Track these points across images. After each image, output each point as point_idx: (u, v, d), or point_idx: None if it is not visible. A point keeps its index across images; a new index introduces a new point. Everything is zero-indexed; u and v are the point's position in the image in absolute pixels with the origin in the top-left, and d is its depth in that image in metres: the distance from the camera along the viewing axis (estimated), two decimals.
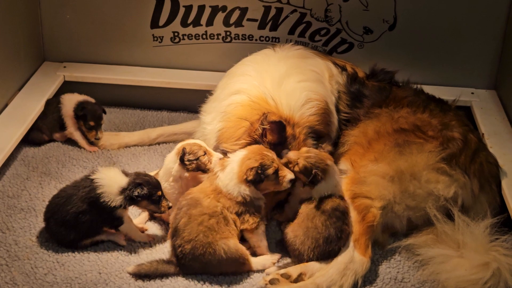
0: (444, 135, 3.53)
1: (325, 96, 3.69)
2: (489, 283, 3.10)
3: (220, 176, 3.24)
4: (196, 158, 3.31)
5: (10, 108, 4.07)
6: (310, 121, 3.51)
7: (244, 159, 3.21)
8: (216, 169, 3.27)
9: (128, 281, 3.14)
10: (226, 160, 3.28)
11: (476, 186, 3.46)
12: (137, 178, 3.26)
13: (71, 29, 4.51)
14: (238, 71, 3.82)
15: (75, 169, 3.90)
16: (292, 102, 3.50)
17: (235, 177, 3.20)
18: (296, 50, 3.92)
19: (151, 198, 3.25)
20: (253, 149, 3.27)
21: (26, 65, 4.39)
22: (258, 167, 3.17)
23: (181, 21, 4.44)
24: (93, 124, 4.04)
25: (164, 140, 4.22)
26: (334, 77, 3.86)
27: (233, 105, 3.54)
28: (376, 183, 3.36)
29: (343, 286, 3.15)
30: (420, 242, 3.35)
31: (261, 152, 3.23)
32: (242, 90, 3.59)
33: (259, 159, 3.19)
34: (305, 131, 3.45)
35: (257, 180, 3.17)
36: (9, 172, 3.82)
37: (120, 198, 3.22)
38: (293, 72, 3.67)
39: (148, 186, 3.24)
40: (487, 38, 4.36)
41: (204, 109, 3.83)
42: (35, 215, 3.50)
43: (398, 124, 3.58)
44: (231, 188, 3.20)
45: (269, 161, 3.19)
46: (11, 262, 3.20)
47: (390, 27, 4.37)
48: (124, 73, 4.52)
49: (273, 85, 3.57)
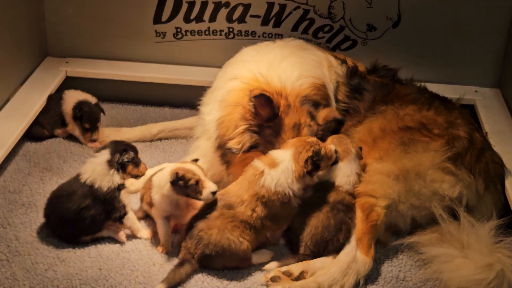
0: (450, 133, 3.51)
1: (322, 79, 3.65)
2: (492, 284, 3.08)
3: (272, 174, 3.20)
4: (187, 186, 3.16)
5: (12, 102, 4.07)
6: (304, 90, 3.47)
7: (296, 154, 3.20)
8: (262, 168, 3.22)
9: (128, 278, 3.13)
10: (274, 159, 3.24)
11: (481, 186, 3.44)
12: (118, 145, 3.34)
13: (73, 25, 4.50)
14: (234, 60, 3.83)
15: (76, 164, 3.89)
16: (283, 77, 3.47)
17: (291, 175, 3.20)
18: (296, 41, 3.93)
19: (135, 160, 3.33)
20: (296, 142, 3.26)
21: (28, 60, 4.39)
22: (313, 156, 3.18)
23: (184, 17, 4.43)
24: (88, 126, 4.04)
25: (166, 136, 4.21)
26: (333, 68, 3.84)
27: (229, 92, 3.53)
28: (380, 181, 3.35)
29: (344, 285, 3.13)
30: (424, 240, 3.33)
31: (305, 141, 3.23)
32: (237, 76, 3.58)
33: (309, 148, 3.20)
34: (299, 99, 3.41)
35: (315, 168, 3.20)
36: (10, 167, 3.81)
37: (113, 172, 3.25)
38: (290, 57, 3.66)
39: (131, 149, 3.34)
40: (491, 37, 4.35)
41: (203, 101, 3.83)
42: (36, 211, 3.49)
43: (403, 122, 3.56)
44: (284, 186, 3.20)
45: (317, 145, 3.22)
46: (12, 258, 3.19)
47: (394, 25, 4.36)
48: (127, 69, 4.51)
49: (267, 67, 3.55)
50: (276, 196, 3.19)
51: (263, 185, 3.20)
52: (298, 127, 3.36)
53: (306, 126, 3.37)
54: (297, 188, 3.22)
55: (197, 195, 3.17)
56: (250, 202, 3.18)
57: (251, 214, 3.17)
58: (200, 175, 3.17)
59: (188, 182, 3.14)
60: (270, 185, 3.19)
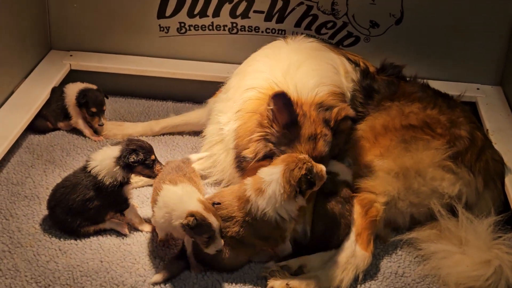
0: (452, 133, 3.52)
1: (340, 87, 3.53)
2: (490, 280, 3.10)
3: (258, 202, 3.01)
4: (199, 235, 2.94)
5: (16, 95, 4.08)
6: (321, 98, 3.28)
7: (287, 172, 2.97)
8: (249, 194, 3.04)
9: (129, 270, 3.16)
10: (260, 182, 3.02)
11: (480, 184, 3.46)
12: (130, 144, 3.27)
13: (78, 18, 4.51)
14: (249, 69, 3.67)
15: (79, 157, 3.91)
16: (299, 85, 3.29)
17: (279, 199, 2.97)
18: (309, 42, 3.79)
19: (145, 162, 3.27)
20: (287, 158, 3.04)
21: (32, 53, 4.40)
22: (307, 173, 2.97)
23: (188, 12, 4.44)
24: (95, 110, 4.05)
25: (168, 132, 4.22)
26: (349, 74, 3.76)
27: (246, 102, 3.41)
28: (381, 178, 3.37)
29: (343, 280, 3.14)
30: (423, 236, 3.35)
31: (297, 157, 3.00)
32: (253, 86, 3.46)
33: (302, 165, 2.97)
34: (314, 107, 3.22)
35: (309, 187, 3.01)
36: (13, 159, 3.84)
37: (118, 170, 3.23)
38: (306, 62, 3.53)
39: (142, 151, 3.25)
40: (494, 35, 4.35)
41: (219, 108, 3.71)
42: (38, 203, 3.51)
43: (407, 120, 3.56)
44: (270, 214, 3.00)
45: (309, 162, 2.99)
46: (14, 249, 3.22)
47: (396, 21, 4.36)
48: (130, 63, 4.52)
49: (283, 75, 3.41)
50: (263, 222, 3.03)
51: (249, 212, 3.05)
52: (314, 138, 3.17)
53: (322, 136, 3.18)
54: (287, 211, 3.01)
55: (203, 245, 2.98)
56: (238, 220, 3.07)
57: (238, 231, 3.07)
58: (215, 230, 2.93)
59: (203, 234, 2.93)
60: (256, 214, 3.02)
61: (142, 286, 3.08)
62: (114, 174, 3.25)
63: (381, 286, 3.20)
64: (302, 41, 3.79)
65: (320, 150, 3.17)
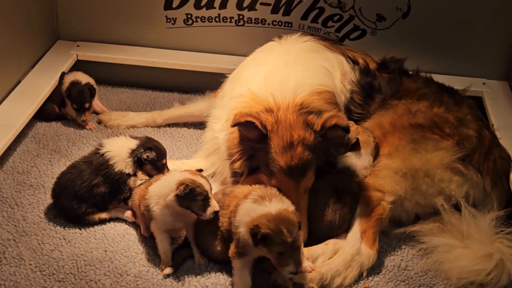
0: (460, 132, 3.49)
1: (328, 85, 3.41)
2: (492, 274, 3.11)
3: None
4: (193, 200, 3.00)
5: (23, 85, 4.10)
6: (301, 98, 3.17)
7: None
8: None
9: (133, 260, 3.17)
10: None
11: (488, 185, 3.45)
12: (148, 142, 3.37)
13: (85, 9, 4.52)
14: (241, 75, 3.59)
15: (84, 147, 3.93)
16: (277, 89, 3.20)
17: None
18: (303, 42, 3.69)
19: (156, 163, 3.35)
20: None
21: (39, 43, 4.42)
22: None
23: (195, 3, 4.44)
24: (75, 107, 4.07)
25: (172, 123, 4.23)
26: (347, 76, 3.67)
27: (231, 112, 3.28)
28: (389, 177, 3.35)
29: (347, 277, 3.15)
30: (425, 229, 3.35)
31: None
32: (240, 94, 3.35)
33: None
34: (292, 110, 3.10)
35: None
36: (19, 148, 3.86)
37: (130, 162, 3.31)
38: (293, 64, 3.45)
39: (157, 152, 3.35)
40: (500, 29, 4.34)
41: (215, 115, 3.64)
42: (43, 192, 3.53)
43: (415, 119, 3.54)
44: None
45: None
46: (19, 238, 3.24)
47: (403, 15, 4.36)
48: (137, 54, 4.53)
49: (264, 80, 3.32)
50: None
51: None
52: (291, 145, 3.05)
53: (300, 141, 3.06)
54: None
55: (200, 211, 3.03)
56: (228, 220, 3.06)
57: (227, 227, 3.07)
58: (208, 191, 3.02)
59: (196, 197, 3.00)
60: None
61: (146, 275, 3.10)
62: (125, 164, 3.31)
63: (384, 279, 3.21)
64: (296, 41, 3.70)
65: (299, 156, 3.06)
